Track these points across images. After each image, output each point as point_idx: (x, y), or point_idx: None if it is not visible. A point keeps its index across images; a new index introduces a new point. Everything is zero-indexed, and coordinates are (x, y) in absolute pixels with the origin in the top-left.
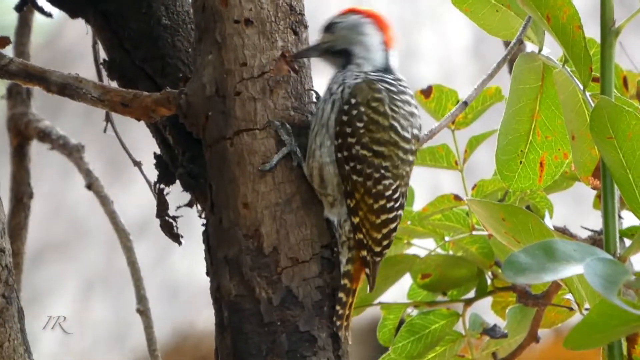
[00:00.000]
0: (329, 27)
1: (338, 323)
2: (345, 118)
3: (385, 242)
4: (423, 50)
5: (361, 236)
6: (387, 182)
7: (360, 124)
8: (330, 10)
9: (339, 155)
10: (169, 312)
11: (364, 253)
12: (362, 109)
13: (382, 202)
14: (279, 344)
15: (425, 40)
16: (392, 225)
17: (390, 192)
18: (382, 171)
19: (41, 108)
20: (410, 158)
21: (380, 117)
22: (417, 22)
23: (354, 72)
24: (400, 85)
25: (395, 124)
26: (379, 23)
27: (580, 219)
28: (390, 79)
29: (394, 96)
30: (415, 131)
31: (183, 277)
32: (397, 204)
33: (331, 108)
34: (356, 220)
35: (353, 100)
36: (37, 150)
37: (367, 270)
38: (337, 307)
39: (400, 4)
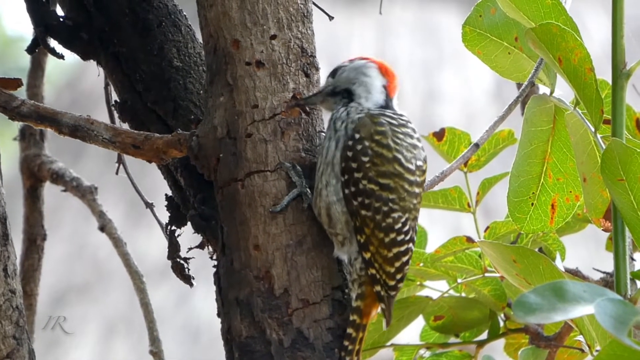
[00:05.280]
0: (334, 72)
1: (347, 359)
2: (350, 154)
3: (399, 276)
4: (445, 92)
5: (374, 271)
6: (395, 215)
7: (365, 158)
8: (352, 50)
9: (346, 191)
10: (191, 354)
11: (378, 288)
12: (367, 143)
13: (392, 236)
14: None
15: (448, 83)
16: (405, 259)
17: (399, 225)
18: (390, 204)
19: (62, 150)
20: (416, 190)
21: (384, 149)
22: (439, 65)
23: (357, 109)
24: (402, 119)
25: (399, 155)
26: (384, 69)
27: (601, 261)
28: (390, 113)
29: (396, 129)
30: (419, 163)
31: (205, 319)
32: (408, 237)
33: (335, 145)
34: (367, 255)
35: (357, 136)
36: (57, 192)
37: (383, 305)
38: (346, 343)
39: (423, 46)
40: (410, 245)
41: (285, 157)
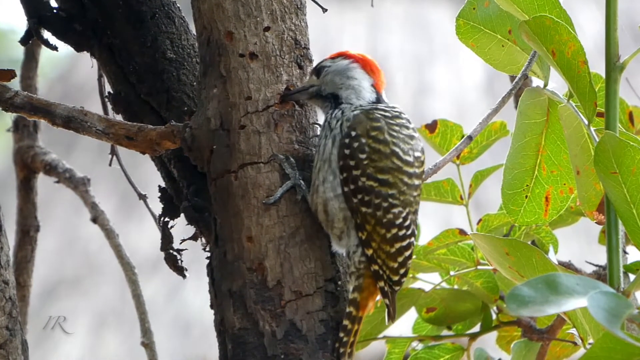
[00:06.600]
0: (318, 71)
1: (341, 350)
2: (347, 152)
3: (402, 270)
4: (436, 86)
5: (377, 267)
6: (396, 210)
7: (363, 155)
8: (343, 44)
9: (345, 189)
10: (182, 347)
11: (382, 284)
12: (363, 140)
13: (394, 231)
14: None
15: (439, 77)
16: (407, 253)
17: (400, 220)
18: (390, 200)
19: (55, 141)
20: (416, 182)
21: (381, 145)
22: (430, 59)
23: (351, 107)
24: (394, 111)
25: (396, 149)
26: (369, 67)
27: (594, 254)
28: (383, 106)
29: (391, 121)
30: (417, 154)
31: (196, 312)
32: (409, 232)
33: (332, 143)
34: (370, 252)
35: (353, 133)
36: (49, 184)
37: (387, 301)
38: (342, 334)
39: (414, 40)
40: (412, 239)
41: (279, 149)
